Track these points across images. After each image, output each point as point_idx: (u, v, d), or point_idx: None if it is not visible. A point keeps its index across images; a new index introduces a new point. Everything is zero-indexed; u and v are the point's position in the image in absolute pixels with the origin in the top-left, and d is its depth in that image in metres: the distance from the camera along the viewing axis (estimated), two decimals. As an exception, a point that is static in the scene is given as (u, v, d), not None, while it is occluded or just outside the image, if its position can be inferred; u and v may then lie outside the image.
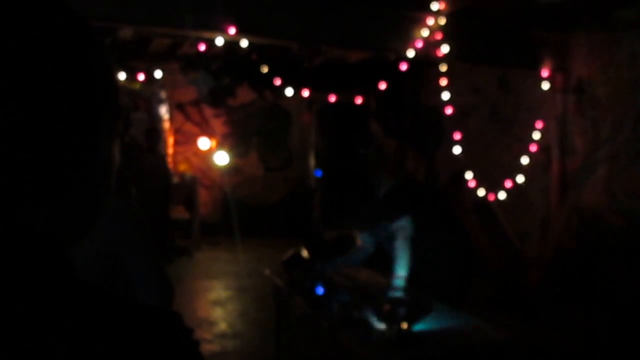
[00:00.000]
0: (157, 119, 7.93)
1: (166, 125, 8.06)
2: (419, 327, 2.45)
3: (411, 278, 2.73)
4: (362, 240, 3.16)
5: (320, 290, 2.89)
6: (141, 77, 6.61)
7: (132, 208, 1.62)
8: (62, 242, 0.50)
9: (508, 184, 5.43)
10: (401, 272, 2.69)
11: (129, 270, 1.56)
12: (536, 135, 5.38)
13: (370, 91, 7.47)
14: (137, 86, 7.21)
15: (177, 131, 8.31)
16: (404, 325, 2.38)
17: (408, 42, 4.56)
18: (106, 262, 1.54)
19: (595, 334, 4.34)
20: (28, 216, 0.47)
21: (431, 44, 4.57)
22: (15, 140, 0.45)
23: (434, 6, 4.49)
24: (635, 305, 4.38)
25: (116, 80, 0.55)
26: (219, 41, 4.26)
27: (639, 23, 4.50)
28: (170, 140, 8.17)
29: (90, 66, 0.51)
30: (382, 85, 6.10)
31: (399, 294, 2.63)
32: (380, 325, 2.47)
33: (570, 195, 5.23)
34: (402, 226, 2.78)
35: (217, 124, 8.59)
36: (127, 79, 6.65)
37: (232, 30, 4.01)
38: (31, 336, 0.42)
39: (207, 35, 4.32)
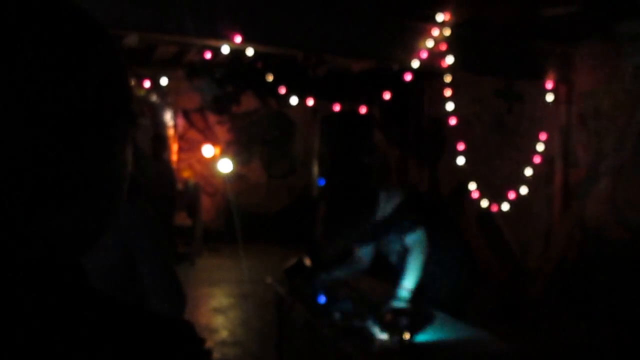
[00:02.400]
0: (162, 125, 7.96)
1: (171, 132, 8.09)
2: (420, 337, 2.45)
3: (415, 289, 2.71)
4: (359, 253, 3.13)
5: (322, 299, 2.88)
6: (147, 83, 6.64)
7: (147, 212, 1.62)
8: (75, 248, 0.50)
9: (511, 195, 5.43)
10: (408, 284, 2.67)
11: (142, 275, 1.56)
12: (540, 147, 5.38)
13: (374, 101, 7.48)
14: (142, 93, 7.25)
15: (181, 138, 8.34)
16: (406, 336, 2.38)
17: (413, 52, 4.58)
18: (125, 266, 1.54)
19: (597, 346, 4.31)
20: (42, 223, 0.47)
21: (436, 55, 4.60)
22: (31, 147, 0.45)
23: (439, 17, 4.52)
24: (638, 317, 4.36)
25: (130, 86, 0.55)
26: (225, 49, 4.29)
27: (643, 36, 4.52)
28: (174, 147, 8.19)
29: (105, 72, 0.50)
30: (387, 95, 6.11)
31: (401, 304, 2.62)
32: (382, 335, 2.46)
33: (573, 206, 5.23)
34: (419, 240, 2.76)
35: (221, 131, 8.63)
36: (132, 85, 6.68)
37: (237, 39, 4.04)
38: (41, 345, 0.42)
39: (212, 43, 4.34)
